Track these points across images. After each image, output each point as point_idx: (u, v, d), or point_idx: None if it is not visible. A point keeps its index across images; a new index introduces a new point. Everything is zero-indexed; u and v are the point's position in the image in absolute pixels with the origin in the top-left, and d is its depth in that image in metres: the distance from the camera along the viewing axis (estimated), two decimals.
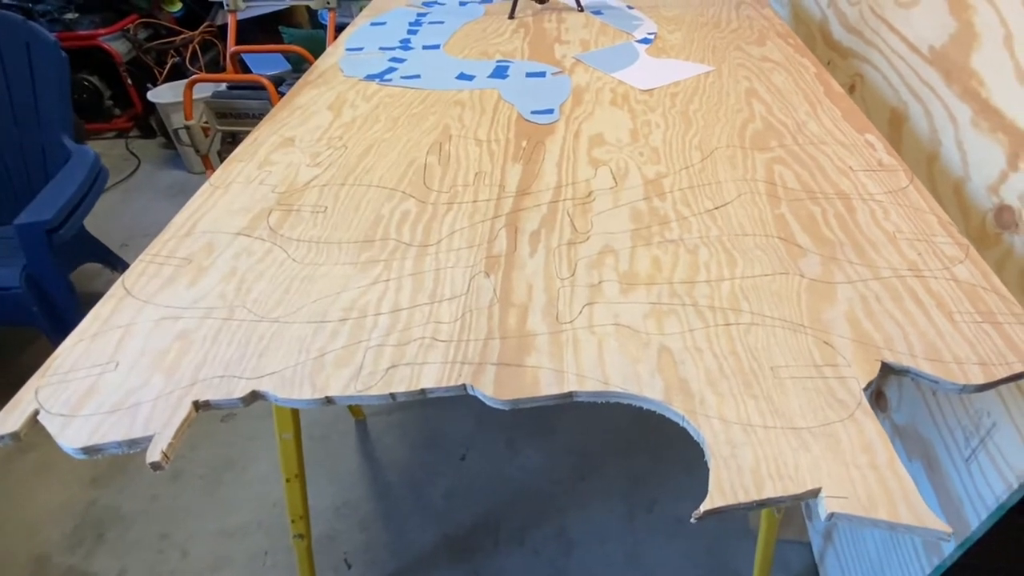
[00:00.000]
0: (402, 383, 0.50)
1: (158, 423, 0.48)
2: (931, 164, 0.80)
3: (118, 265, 1.61)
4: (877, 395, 0.88)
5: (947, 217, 0.64)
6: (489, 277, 0.61)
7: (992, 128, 0.70)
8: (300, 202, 0.73)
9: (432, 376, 0.50)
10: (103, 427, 0.47)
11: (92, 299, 0.60)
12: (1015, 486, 0.60)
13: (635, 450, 1.27)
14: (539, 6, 1.33)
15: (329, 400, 0.50)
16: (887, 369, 0.50)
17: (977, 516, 0.64)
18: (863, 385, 0.48)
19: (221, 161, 2.04)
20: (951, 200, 0.75)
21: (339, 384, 0.50)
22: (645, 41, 1.12)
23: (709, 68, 0.99)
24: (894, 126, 0.89)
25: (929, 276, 0.58)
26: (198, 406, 0.50)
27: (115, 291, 0.61)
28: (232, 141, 1.88)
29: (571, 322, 0.55)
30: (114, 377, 0.52)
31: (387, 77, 1.03)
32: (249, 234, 0.68)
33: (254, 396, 0.51)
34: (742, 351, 0.51)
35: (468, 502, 1.19)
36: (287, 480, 0.91)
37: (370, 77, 1.03)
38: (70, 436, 0.47)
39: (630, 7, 1.31)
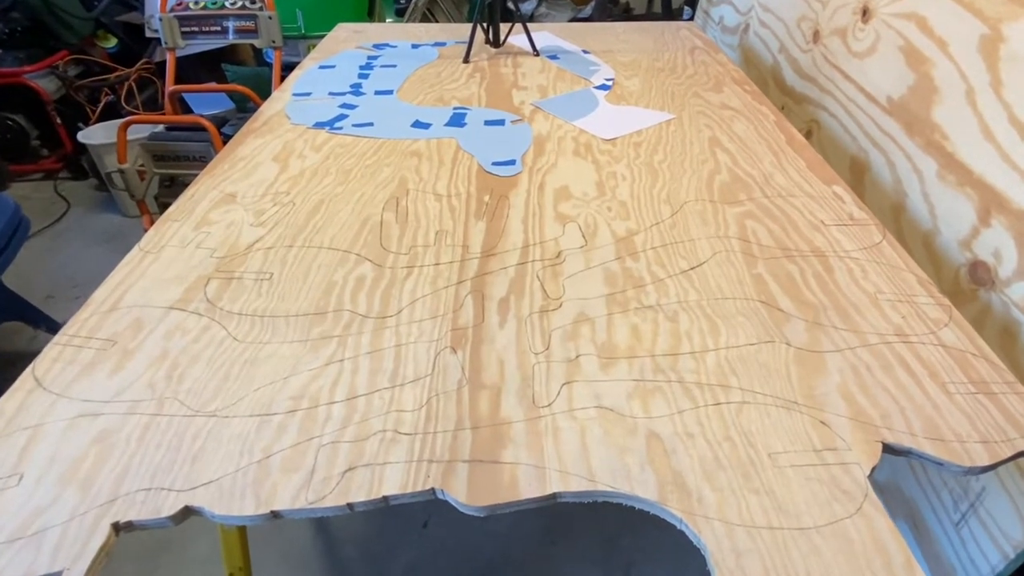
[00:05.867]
0: (361, 490, 0.44)
1: (68, 555, 0.40)
2: (898, 215, 0.80)
3: (41, 322, 1.48)
4: None
5: (925, 275, 0.63)
6: (456, 353, 0.55)
7: (959, 182, 0.69)
8: (242, 268, 0.66)
9: (395, 480, 0.44)
10: None
11: (10, 361, 0.52)
12: (1012, 556, 0.57)
13: (605, 508, 1.21)
14: (494, 50, 1.30)
15: (275, 515, 0.43)
16: (888, 450, 0.47)
17: None
18: (867, 472, 0.45)
19: (158, 206, 1.93)
20: (921, 253, 0.74)
21: (287, 494, 0.44)
22: (603, 87, 1.10)
23: (670, 116, 0.98)
24: (856, 175, 0.89)
25: (916, 342, 0.55)
26: (118, 528, 0.42)
27: (23, 382, 0.53)
28: (170, 185, 1.77)
29: (549, 406, 0.50)
30: (16, 494, 0.44)
31: (338, 125, 0.98)
32: (183, 308, 0.61)
33: (186, 512, 0.43)
34: (736, 436, 0.47)
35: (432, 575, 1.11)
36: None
37: (319, 125, 0.98)
38: None
39: (585, 51, 1.30)
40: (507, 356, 0.55)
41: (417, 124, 0.97)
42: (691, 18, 3.08)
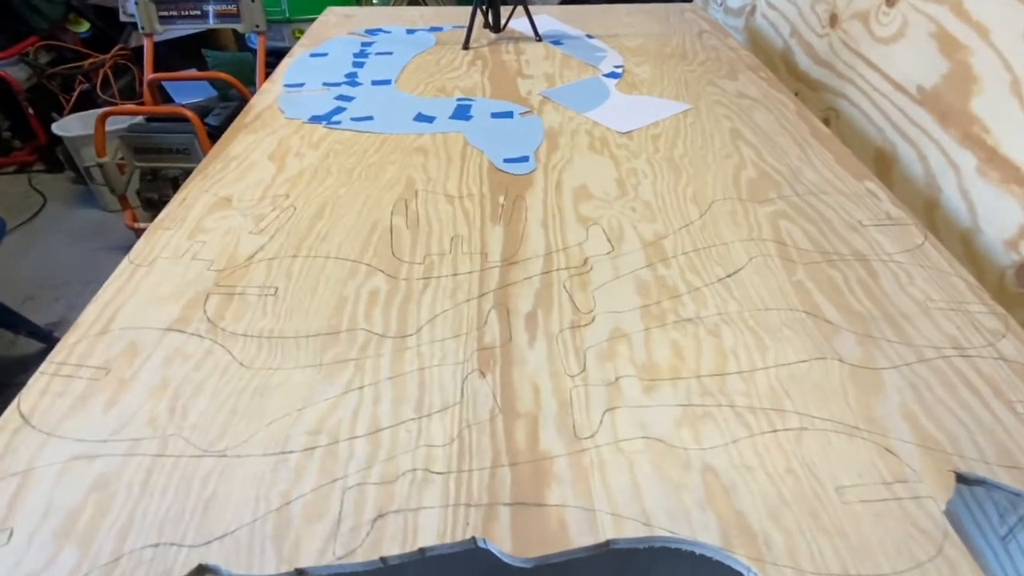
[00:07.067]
0: (394, 541, 0.40)
1: None
2: (931, 211, 0.76)
3: (21, 327, 1.41)
4: None
5: (974, 280, 0.60)
6: (485, 377, 0.51)
7: (1004, 179, 0.66)
8: (244, 282, 0.61)
9: (431, 528, 0.40)
10: None
11: None
12: None
13: None
14: (494, 35, 1.24)
15: (301, 573, 0.39)
16: (961, 480, 0.43)
17: None
18: (942, 506, 0.41)
19: (141, 201, 1.85)
20: (960, 253, 0.71)
21: (313, 548, 0.39)
22: (613, 75, 1.05)
23: (686, 106, 0.93)
24: (881, 168, 0.85)
25: (975, 355, 0.52)
26: None
27: (7, 420, 0.48)
28: (153, 179, 1.70)
29: (592, 437, 0.46)
30: (6, 555, 0.39)
31: (335, 119, 0.92)
32: (182, 329, 0.56)
33: (201, 572, 0.39)
34: (799, 467, 0.43)
35: None
36: None
37: (315, 119, 0.92)
38: None
39: (590, 36, 1.24)
40: (540, 380, 0.50)
41: (420, 117, 0.92)
42: None
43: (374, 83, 1.04)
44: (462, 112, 0.93)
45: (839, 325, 0.55)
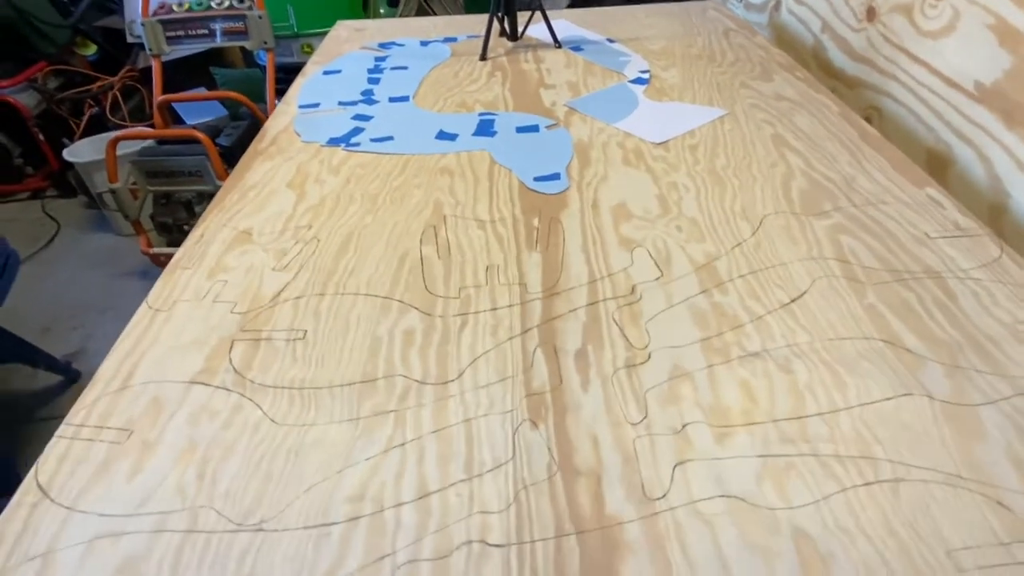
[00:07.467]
0: None
1: None
2: (997, 218, 0.71)
3: (40, 360, 1.39)
4: None
5: None
6: (538, 428, 0.46)
7: None
8: (270, 325, 0.57)
9: None
10: None
11: (8, 405, 0.43)
12: None
13: None
14: (511, 44, 1.20)
15: None
16: None
17: None
18: None
19: (155, 225, 1.83)
20: None
21: None
22: (640, 81, 1.00)
23: (722, 111, 0.89)
24: (936, 171, 0.80)
25: None
26: None
27: (24, 493, 0.44)
28: (166, 203, 1.67)
29: (665, 497, 0.41)
30: None
31: (354, 141, 0.88)
32: (207, 382, 0.52)
33: None
34: (901, 528, 0.39)
35: None
36: None
37: (333, 141, 0.88)
38: None
39: (611, 40, 1.20)
40: (599, 429, 0.46)
41: (442, 135, 0.88)
42: None
43: (391, 100, 1.00)
44: (485, 128, 0.89)
45: (922, 355, 0.50)
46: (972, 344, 0.51)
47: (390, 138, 0.88)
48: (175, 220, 1.66)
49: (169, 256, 1.82)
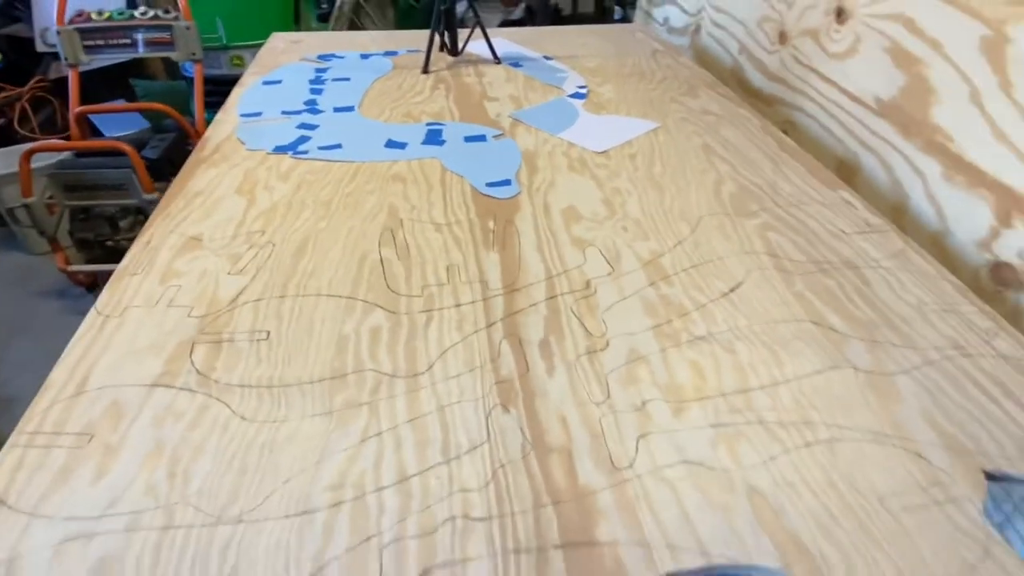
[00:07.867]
0: None
1: None
2: (899, 216, 0.80)
3: None
4: None
5: (959, 281, 0.62)
6: (509, 411, 0.49)
7: (971, 183, 0.69)
8: (231, 328, 0.57)
9: None
10: None
11: None
12: None
13: None
14: (452, 59, 1.24)
15: None
16: (990, 478, 0.45)
17: None
18: (979, 506, 0.42)
19: (74, 242, 1.72)
20: (932, 253, 0.74)
21: None
22: (578, 96, 1.06)
23: (655, 124, 0.95)
24: (846, 176, 0.89)
25: (976, 354, 0.54)
26: None
27: None
28: (86, 218, 1.59)
29: (631, 466, 0.44)
30: None
31: (301, 148, 0.88)
32: (170, 384, 0.51)
33: None
34: (839, 480, 0.44)
35: None
36: None
37: (280, 149, 0.88)
38: None
39: (547, 57, 1.25)
40: (567, 410, 0.49)
41: (391, 144, 0.90)
42: (621, 19, 3.11)
43: (336, 110, 1.01)
44: (434, 137, 0.91)
45: (846, 333, 0.56)
46: (886, 323, 0.57)
47: (339, 146, 0.89)
48: (96, 236, 1.58)
49: (90, 274, 1.73)
